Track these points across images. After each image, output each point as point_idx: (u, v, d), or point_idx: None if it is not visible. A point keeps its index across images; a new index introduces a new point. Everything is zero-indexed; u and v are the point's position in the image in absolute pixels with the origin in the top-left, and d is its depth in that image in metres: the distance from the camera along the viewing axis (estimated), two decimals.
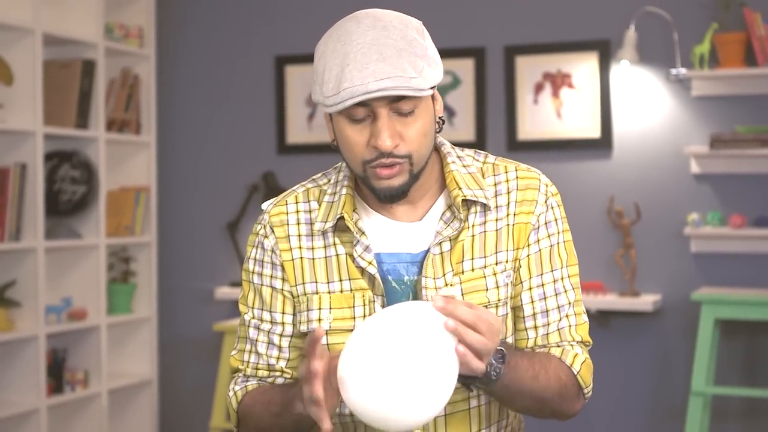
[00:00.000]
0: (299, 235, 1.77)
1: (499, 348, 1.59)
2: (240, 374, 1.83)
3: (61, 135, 4.47)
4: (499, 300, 1.73)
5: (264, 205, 1.85)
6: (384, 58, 1.60)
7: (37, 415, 4.26)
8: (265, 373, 1.80)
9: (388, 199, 1.70)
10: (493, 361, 1.58)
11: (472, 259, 1.73)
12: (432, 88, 1.64)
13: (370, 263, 1.71)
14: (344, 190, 1.75)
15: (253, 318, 1.81)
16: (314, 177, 1.84)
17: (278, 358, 1.79)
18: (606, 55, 4.42)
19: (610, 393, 4.42)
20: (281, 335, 1.79)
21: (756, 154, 4.14)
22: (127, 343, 4.94)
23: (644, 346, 4.41)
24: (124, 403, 4.92)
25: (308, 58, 4.78)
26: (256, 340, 1.80)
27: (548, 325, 1.75)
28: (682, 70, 4.29)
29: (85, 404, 4.61)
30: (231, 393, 1.81)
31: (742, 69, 4.17)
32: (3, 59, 4.22)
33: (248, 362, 1.81)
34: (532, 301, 1.75)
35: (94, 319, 4.57)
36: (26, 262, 4.27)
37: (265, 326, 1.79)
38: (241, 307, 1.83)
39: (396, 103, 1.63)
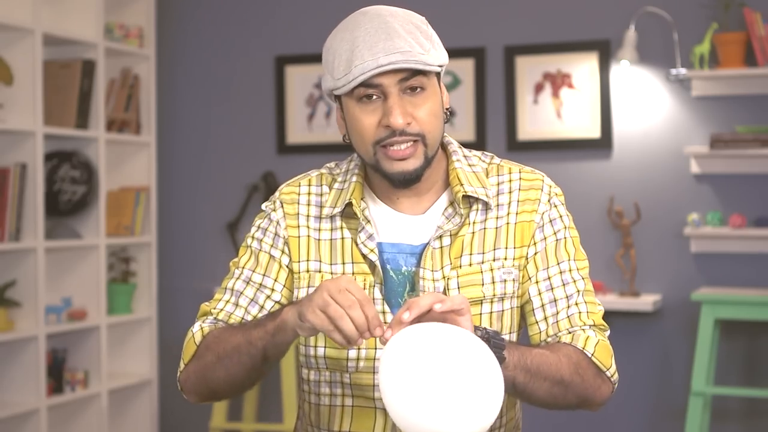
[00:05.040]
0: (308, 216, 1.81)
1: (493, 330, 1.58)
2: (209, 317, 1.79)
3: (61, 135, 4.47)
4: (494, 295, 1.75)
5: (263, 206, 1.86)
6: (392, 37, 1.66)
7: (37, 415, 4.26)
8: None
9: (402, 183, 1.72)
10: (488, 329, 1.57)
11: (471, 254, 1.76)
12: (440, 67, 1.70)
13: (372, 251, 1.74)
14: (354, 178, 1.79)
15: (243, 274, 1.80)
16: (328, 164, 1.88)
17: (256, 317, 1.76)
18: (606, 55, 4.42)
19: None
20: (268, 297, 1.78)
21: (756, 154, 4.14)
22: (127, 343, 4.94)
23: (644, 346, 4.41)
24: (124, 403, 4.92)
25: (308, 58, 4.78)
26: (241, 293, 1.78)
27: (557, 313, 1.76)
28: (682, 70, 4.29)
29: (85, 404, 4.61)
30: (196, 328, 1.76)
31: (742, 69, 4.16)
32: (3, 59, 4.22)
33: (222, 309, 1.78)
34: (540, 293, 1.77)
35: (94, 319, 4.57)
36: (26, 262, 4.27)
37: (255, 282, 1.79)
38: (231, 267, 1.82)
39: (406, 81, 1.67)
